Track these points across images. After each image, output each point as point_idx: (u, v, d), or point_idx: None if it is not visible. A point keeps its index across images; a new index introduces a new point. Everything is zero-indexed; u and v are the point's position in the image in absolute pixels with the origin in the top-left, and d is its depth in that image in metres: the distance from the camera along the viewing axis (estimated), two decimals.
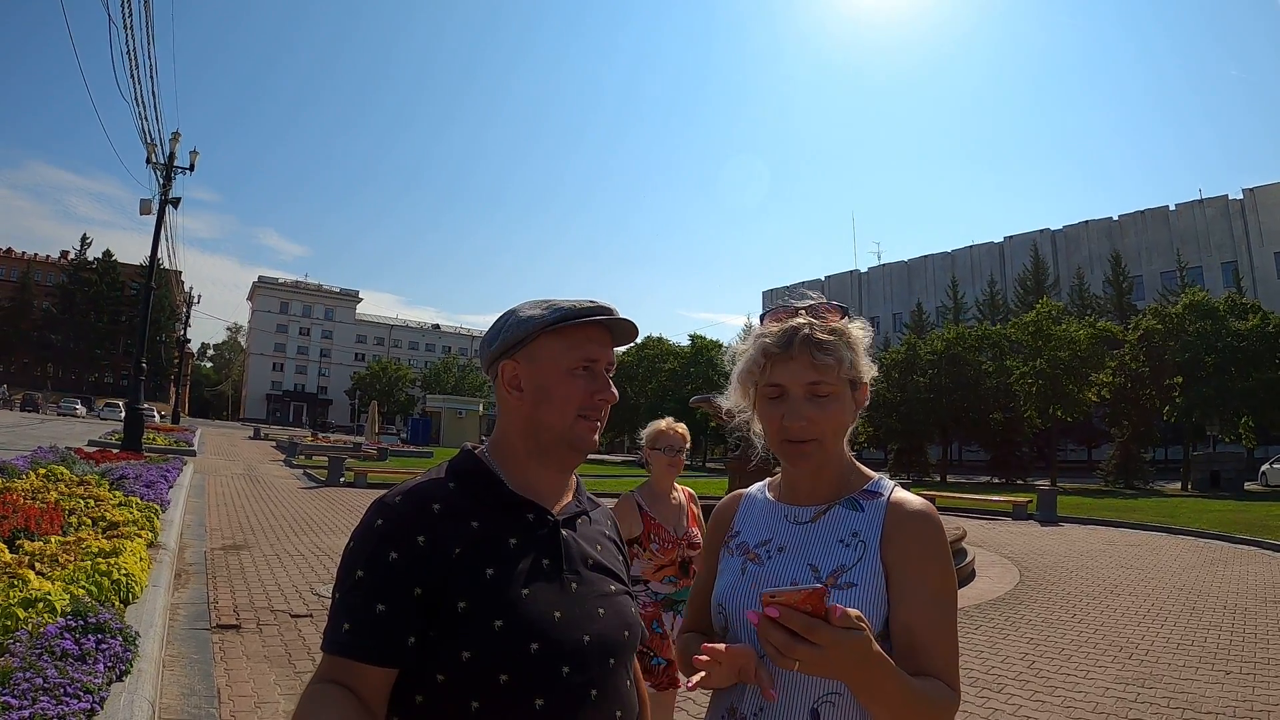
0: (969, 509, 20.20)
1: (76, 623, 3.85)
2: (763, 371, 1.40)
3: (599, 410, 1.32)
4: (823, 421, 1.36)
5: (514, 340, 1.30)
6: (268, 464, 27.40)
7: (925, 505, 1.38)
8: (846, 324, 1.42)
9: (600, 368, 1.32)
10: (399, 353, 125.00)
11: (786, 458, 1.40)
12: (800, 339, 1.36)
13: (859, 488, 1.43)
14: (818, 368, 1.35)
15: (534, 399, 1.29)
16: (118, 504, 8.38)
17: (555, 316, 1.28)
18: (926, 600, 1.29)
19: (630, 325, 1.34)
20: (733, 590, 1.40)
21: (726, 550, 1.49)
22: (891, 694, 1.15)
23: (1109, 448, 37.38)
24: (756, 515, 1.50)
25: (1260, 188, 53.85)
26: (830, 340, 1.36)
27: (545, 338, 1.29)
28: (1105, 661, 6.25)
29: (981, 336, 42.10)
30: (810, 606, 1.05)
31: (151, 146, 20.14)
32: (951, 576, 1.35)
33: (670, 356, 56.32)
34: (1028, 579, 10.15)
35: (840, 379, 1.37)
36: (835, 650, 1.06)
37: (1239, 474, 29.74)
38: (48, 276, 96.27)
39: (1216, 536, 15.04)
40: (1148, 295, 54.36)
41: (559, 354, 1.29)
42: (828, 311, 1.42)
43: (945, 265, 71.01)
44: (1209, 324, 32.13)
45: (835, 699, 1.26)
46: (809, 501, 1.43)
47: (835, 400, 1.37)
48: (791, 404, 1.36)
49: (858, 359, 1.40)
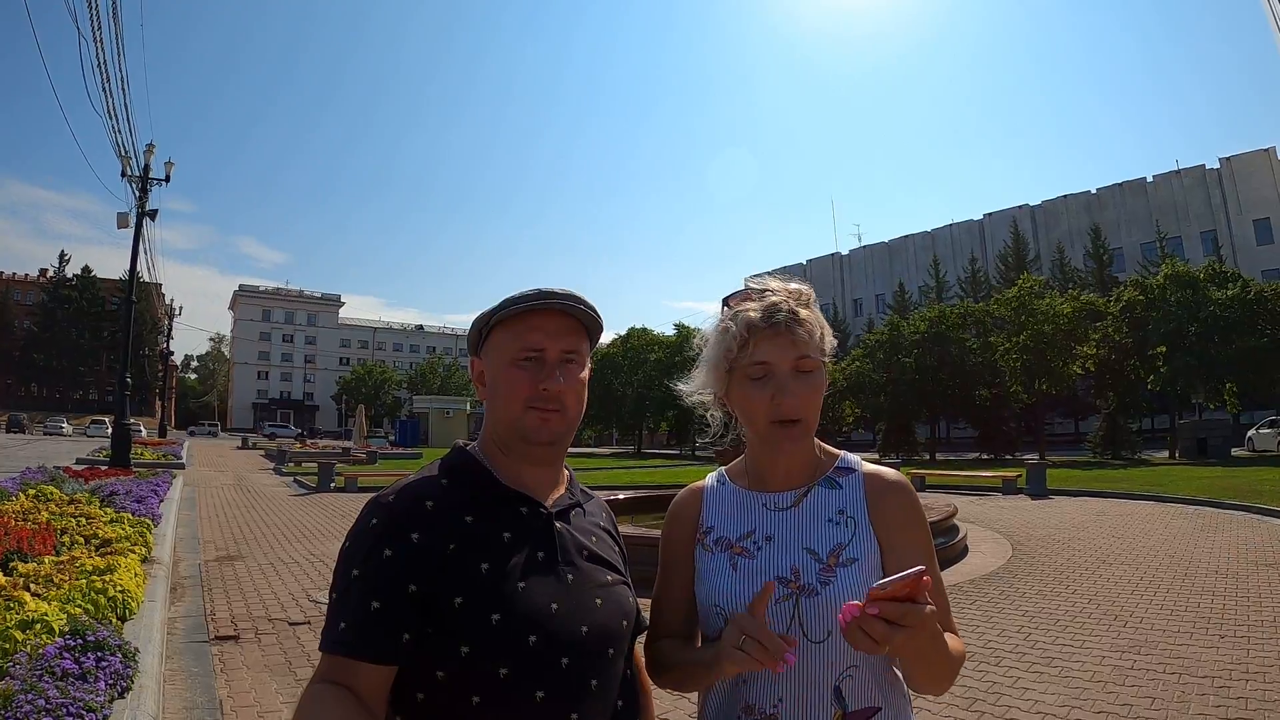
0: (959, 486, 20.33)
1: (75, 642, 3.83)
2: (743, 348, 1.35)
3: (547, 401, 1.27)
4: (811, 399, 1.34)
5: (474, 338, 1.32)
6: (257, 473, 27.23)
7: (899, 475, 1.42)
8: (811, 301, 1.41)
9: (550, 356, 1.28)
10: (383, 355, 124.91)
11: (774, 440, 1.36)
12: (786, 313, 1.33)
13: (831, 466, 1.43)
14: (801, 343, 1.33)
15: (492, 394, 1.30)
16: (109, 521, 8.34)
17: (499, 307, 1.28)
18: (921, 560, 1.27)
19: (582, 307, 1.29)
20: (729, 589, 1.36)
21: (703, 549, 1.44)
22: (940, 650, 1.19)
23: (1095, 419, 37.60)
24: (727, 507, 1.46)
25: (1237, 156, 54.33)
26: (809, 315, 1.36)
27: (496, 331, 1.30)
28: (1100, 631, 6.30)
29: (965, 314, 42.19)
30: (908, 592, 1.06)
31: (126, 159, 19.98)
32: (931, 541, 1.41)
33: (656, 346, 56.18)
34: (1020, 553, 10.22)
35: (820, 355, 1.36)
36: (923, 626, 1.07)
37: (1225, 440, 30.01)
38: (27, 295, 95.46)
39: (1206, 503, 15.14)
40: (1128, 267, 54.79)
41: (504, 345, 1.29)
42: (797, 287, 1.40)
43: (926, 245, 71.33)
44: (1190, 294, 32.37)
45: (855, 671, 1.28)
46: (784, 486, 1.42)
47: (819, 376, 1.36)
48: (781, 381, 1.33)
49: (826, 332, 1.39)
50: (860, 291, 75.32)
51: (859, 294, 75.42)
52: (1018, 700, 4.73)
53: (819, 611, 1.28)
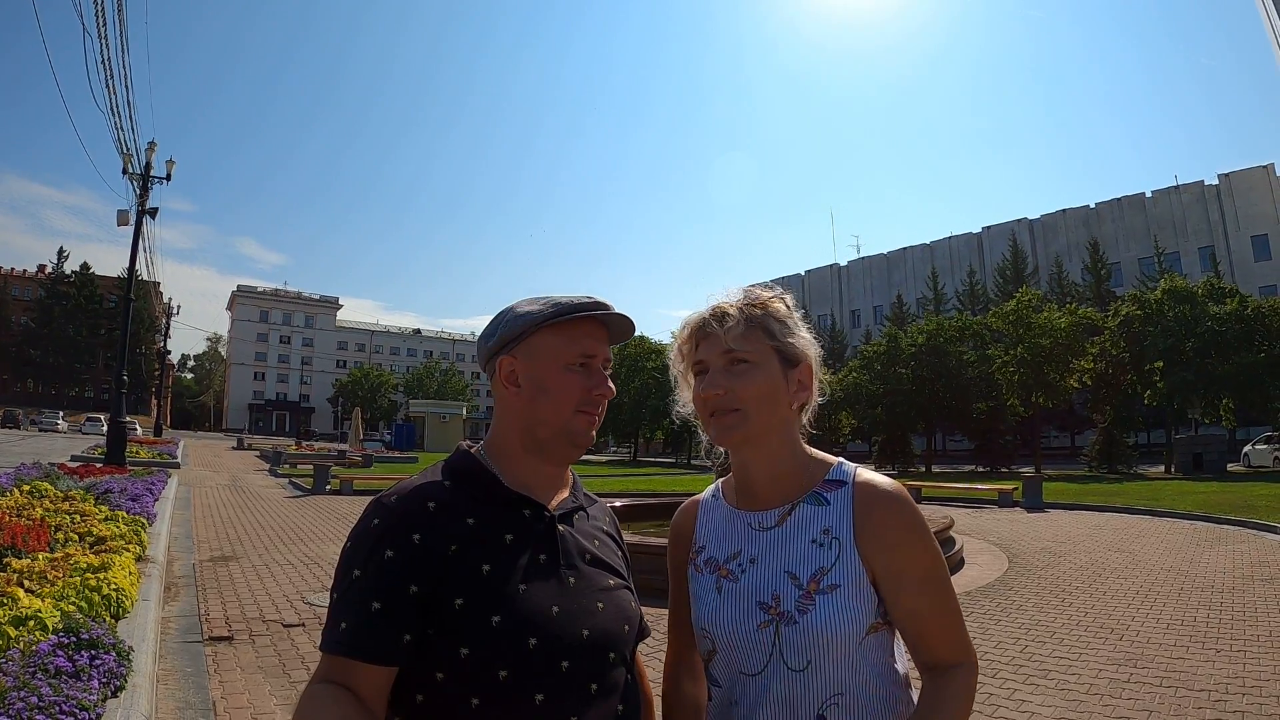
0: (955, 498, 20.31)
1: (69, 639, 3.81)
2: (693, 352, 1.39)
3: (596, 405, 1.32)
4: (741, 390, 1.32)
5: (512, 335, 1.30)
6: (252, 474, 27.20)
7: (892, 485, 1.33)
8: (771, 299, 1.40)
9: (597, 363, 1.32)
10: (380, 358, 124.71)
11: (712, 434, 1.35)
12: (717, 312, 1.36)
13: (820, 479, 1.36)
14: (734, 338, 1.33)
15: (532, 394, 1.29)
16: (104, 518, 8.30)
17: (553, 312, 1.29)
18: (922, 581, 1.27)
19: (627, 321, 1.35)
20: (714, 613, 1.34)
21: (694, 568, 1.43)
22: None
23: (1092, 433, 37.65)
24: (717, 525, 1.44)
25: (1236, 172, 54.49)
26: (751, 311, 1.35)
27: (543, 333, 1.29)
28: (1097, 644, 6.30)
29: (962, 327, 42.32)
30: None
31: (127, 156, 19.96)
32: (937, 550, 1.30)
33: (653, 355, 56.22)
34: (1016, 565, 10.21)
35: (763, 349, 1.34)
36: None
37: (1221, 456, 29.98)
38: (25, 291, 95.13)
39: (1202, 518, 15.16)
40: (1126, 282, 54.91)
41: (557, 349, 1.29)
42: (759, 290, 1.41)
43: (924, 257, 71.44)
44: (1188, 309, 32.37)
45: (840, 699, 1.25)
46: (769, 503, 1.37)
47: (756, 369, 1.33)
48: (710, 375, 1.35)
49: (787, 331, 1.37)
50: (858, 303, 75.40)
51: (857, 305, 75.50)
52: (1014, 713, 4.72)
53: (798, 640, 1.25)
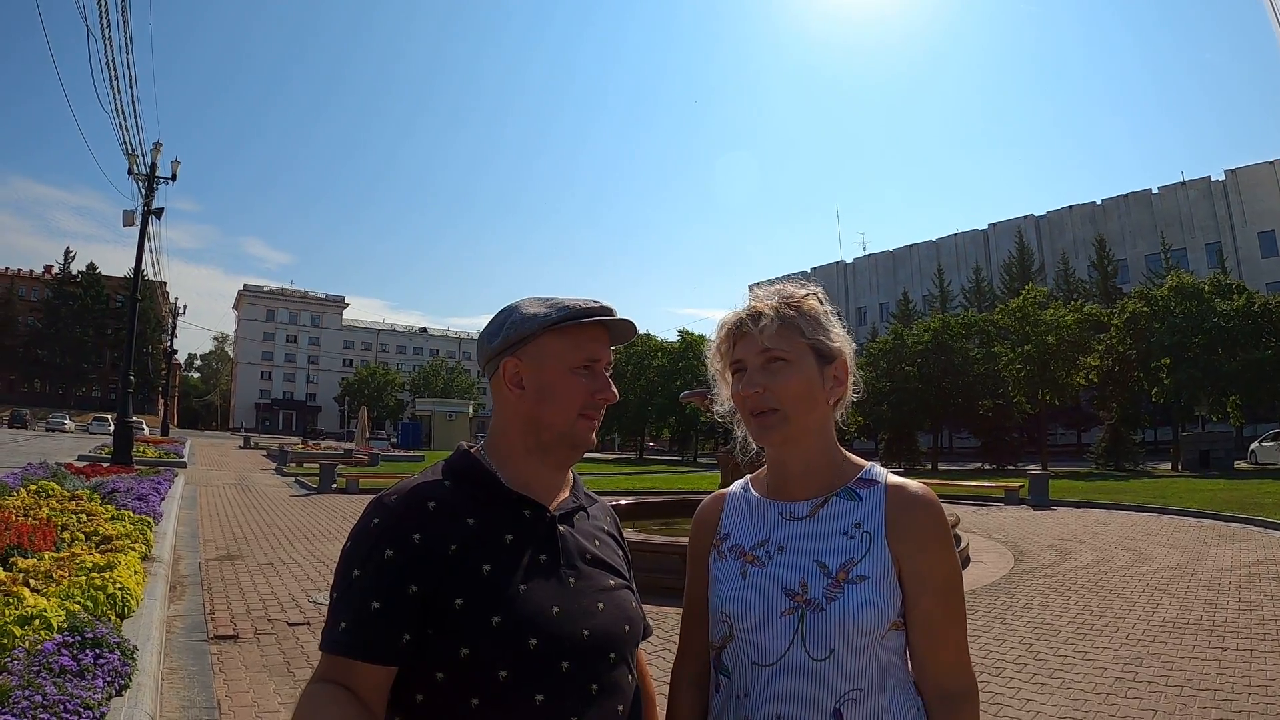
0: (961, 495, 20.26)
1: (74, 638, 3.82)
2: (730, 352, 1.42)
3: (599, 409, 1.33)
4: (779, 389, 1.34)
5: (517, 337, 1.30)
6: (259, 473, 27.27)
7: (925, 490, 1.36)
8: (805, 297, 1.42)
9: (601, 367, 1.33)
10: (386, 357, 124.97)
11: (752, 433, 1.39)
12: (752, 312, 1.38)
13: (853, 477, 1.39)
14: (770, 336, 1.35)
15: (536, 397, 1.29)
16: (110, 518, 8.33)
17: (560, 315, 1.28)
18: (943, 587, 1.30)
19: (630, 326, 1.35)
20: (736, 596, 1.35)
21: (718, 555, 1.44)
22: None
23: (1098, 431, 37.48)
24: (746, 515, 1.45)
25: (1242, 168, 54.22)
26: (785, 310, 1.37)
27: (549, 336, 1.29)
28: (1102, 642, 6.28)
29: (968, 324, 42.18)
30: None
31: (133, 157, 20.03)
32: (958, 562, 1.35)
33: (659, 353, 56.25)
34: (1022, 563, 10.19)
35: (798, 347, 1.36)
36: None
37: (1228, 453, 29.87)
38: (32, 291, 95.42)
39: (1208, 515, 15.11)
40: (1133, 278, 54.57)
41: (563, 353, 1.29)
42: (793, 288, 1.43)
43: (930, 254, 71.26)
44: (1194, 305, 32.29)
45: (858, 695, 1.25)
46: (802, 495, 1.39)
47: (793, 367, 1.35)
48: (748, 374, 1.37)
49: (820, 327, 1.39)
50: (864, 300, 75.27)
51: (863, 302, 75.35)
52: (1020, 711, 4.71)
53: (823, 628, 1.26)
